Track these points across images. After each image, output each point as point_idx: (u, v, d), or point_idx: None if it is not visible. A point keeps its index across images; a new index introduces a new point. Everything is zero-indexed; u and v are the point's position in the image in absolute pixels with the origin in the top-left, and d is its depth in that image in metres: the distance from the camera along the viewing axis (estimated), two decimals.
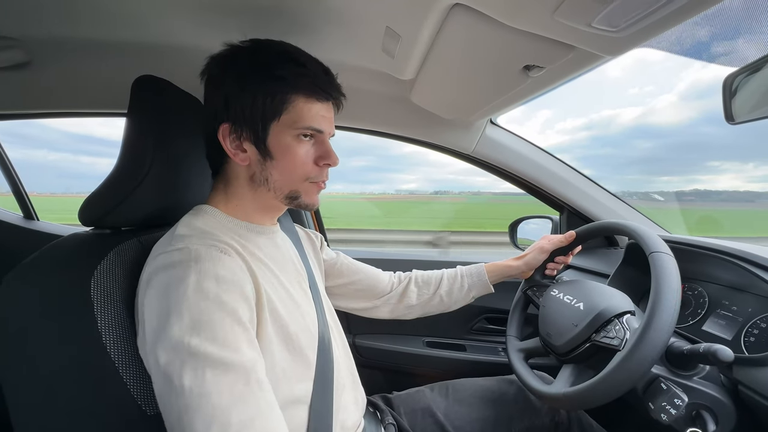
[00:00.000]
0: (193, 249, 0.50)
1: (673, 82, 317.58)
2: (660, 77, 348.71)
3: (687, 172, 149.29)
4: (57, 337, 0.51)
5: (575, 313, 0.70)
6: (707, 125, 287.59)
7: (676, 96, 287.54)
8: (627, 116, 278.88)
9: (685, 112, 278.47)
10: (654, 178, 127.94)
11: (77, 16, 0.80)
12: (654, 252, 0.62)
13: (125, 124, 0.60)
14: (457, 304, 0.92)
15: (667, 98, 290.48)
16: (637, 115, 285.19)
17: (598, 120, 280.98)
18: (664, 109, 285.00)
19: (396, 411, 0.85)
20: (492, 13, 0.50)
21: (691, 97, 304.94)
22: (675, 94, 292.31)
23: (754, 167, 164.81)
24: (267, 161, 0.59)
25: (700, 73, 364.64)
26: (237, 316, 0.48)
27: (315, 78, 0.58)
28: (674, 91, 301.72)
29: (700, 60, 0.65)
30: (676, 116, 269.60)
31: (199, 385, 0.43)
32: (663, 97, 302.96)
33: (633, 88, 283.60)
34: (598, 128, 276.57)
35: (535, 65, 0.61)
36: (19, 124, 1.18)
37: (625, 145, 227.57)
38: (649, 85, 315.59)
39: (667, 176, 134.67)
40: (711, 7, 0.38)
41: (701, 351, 0.56)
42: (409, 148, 1.46)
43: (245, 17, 0.76)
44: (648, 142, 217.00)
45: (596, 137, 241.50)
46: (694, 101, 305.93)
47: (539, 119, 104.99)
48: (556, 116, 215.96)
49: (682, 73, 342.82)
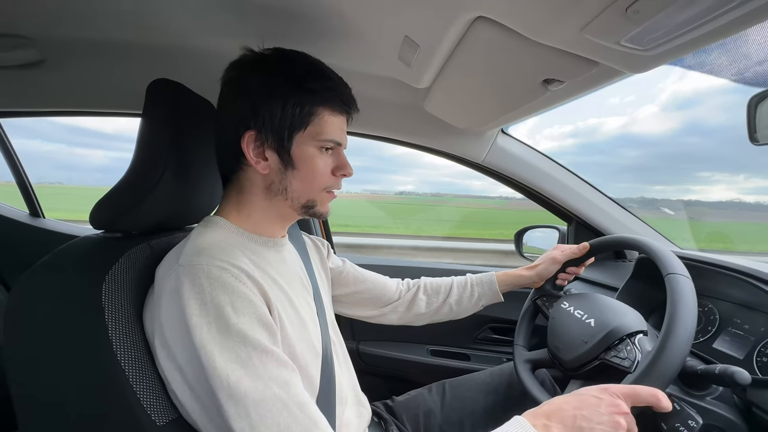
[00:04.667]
0: (206, 270, 0.49)
1: (653, 93, 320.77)
2: (638, 87, 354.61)
3: (679, 182, 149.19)
4: (67, 344, 0.50)
5: (585, 329, 0.69)
6: (690, 135, 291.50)
7: (657, 106, 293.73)
8: (612, 125, 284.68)
9: (666, 122, 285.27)
10: (647, 187, 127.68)
11: (91, 17, 0.79)
12: (671, 273, 0.61)
13: (139, 127, 0.60)
14: (466, 312, 0.92)
15: (649, 108, 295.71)
16: (622, 124, 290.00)
17: (583, 128, 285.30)
18: (646, 119, 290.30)
19: (398, 419, 0.85)
20: (517, 27, 0.49)
21: (672, 108, 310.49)
22: (657, 104, 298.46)
23: (744, 179, 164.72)
24: (288, 170, 0.59)
25: (678, 85, 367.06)
26: (261, 345, 0.48)
27: (340, 93, 0.60)
28: (656, 101, 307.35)
29: (716, 77, 0.65)
30: (658, 126, 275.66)
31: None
32: (645, 107, 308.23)
33: (614, 98, 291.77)
34: (584, 136, 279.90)
35: (556, 79, 0.60)
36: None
37: (613, 153, 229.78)
38: (629, 95, 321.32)
39: (660, 185, 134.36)
40: (745, 29, 0.38)
41: (717, 372, 0.55)
42: (401, 149, 1.46)
43: (262, 23, 0.76)
44: (635, 151, 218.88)
45: (583, 144, 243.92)
46: (675, 111, 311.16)
47: (527, 125, 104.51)
48: (542, 122, 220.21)
49: (659, 83, 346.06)
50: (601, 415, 0.47)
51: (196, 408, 0.49)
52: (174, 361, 0.49)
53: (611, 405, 0.49)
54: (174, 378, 0.50)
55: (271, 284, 0.57)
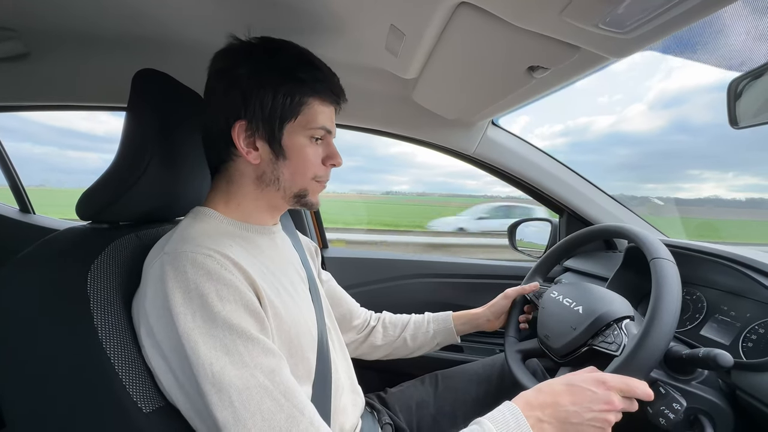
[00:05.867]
0: (191, 257, 0.49)
1: (640, 91, 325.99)
2: (626, 86, 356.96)
3: (669, 179, 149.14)
4: (52, 334, 0.50)
5: (574, 317, 0.69)
6: (678, 133, 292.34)
7: (645, 105, 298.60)
8: (601, 123, 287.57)
9: (654, 120, 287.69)
10: (639, 185, 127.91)
11: (76, 8, 0.79)
12: (655, 258, 0.62)
13: (125, 117, 0.60)
14: (422, 349, 0.93)
15: (637, 107, 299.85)
16: (611, 122, 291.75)
17: (574, 126, 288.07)
18: (634, 118, 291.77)
19: (391, 410, 0.85)
20: (498, 12, 0.49)
21: (659, 106, 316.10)
22: (644, 102, 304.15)
23: (733, 176, 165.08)
24: (279, 160, 0.59)
25: (664, 83, 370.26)
26: (246, 333, 0.48)
27: (330, 83, 0.61)
28: (644, 99, 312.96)
29: (700, 62, 0.65)
30: (647, 124, 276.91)
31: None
32: (633, 106, 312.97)
33: (602, 97, 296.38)
34: (575, 134, 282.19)
35: (540, 66, 0.60)
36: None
37: (604, 151, 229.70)
38: (617, 94, 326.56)
39: (651, 183, 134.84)
40: (720, 9, 0.38)
41: (700, 356, 0.55)
42: (394, 149, 1.47)
43: (249, 13, 0.75)
44: (625, 149, 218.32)
45: (574, 143, 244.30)
46: (663, 110, 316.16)
47: (519, 123, 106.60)
48: (533, 122, 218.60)
49: (646, 82, 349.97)
50: (592, 412, 0.49)
51: (181, 397, 0.49)
52: (159, 350, 0.49)
53: (604, 401, 0.50)
54: (159, 366, 0.50)
55: (263, 269, 0.57)
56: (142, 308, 0.50)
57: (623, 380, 0.52)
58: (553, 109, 37.47)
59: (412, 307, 1.31)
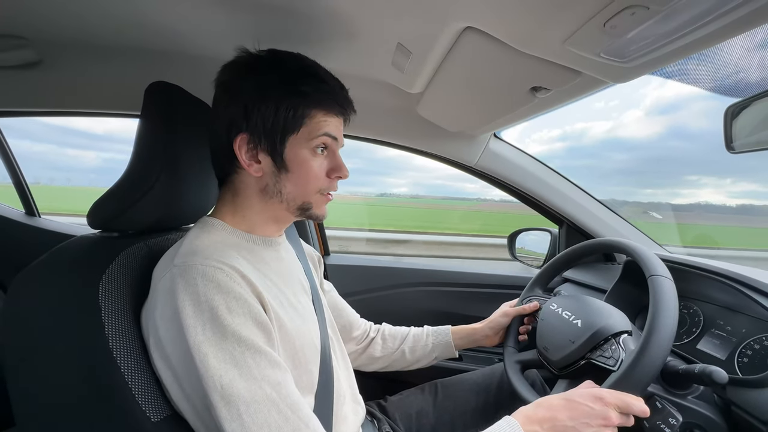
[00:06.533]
0: (201, 270, 0.50)
1: (636, 98, 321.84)
2: (622, 92, 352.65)
3: (667, 185, 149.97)
4: (64, 342, 0.51)
5: (572, 330, 0.70)
6: (674, 139, 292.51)
7: (642, 111, 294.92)
8: (598, 129, 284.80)
9: (651, 126, 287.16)
10: (637, 190, 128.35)
11: (88, 19, 0.80)
12: (653, 275, 0.63)
13: (137, 129, 0.61)
14: (420, 362, 0.92)
15: (634, 113, 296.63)
16: (608, 128, 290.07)
17: (571, 131, 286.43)
18: (631, 123, 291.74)
19: (391, 418, 0.85)
20: (503, 37, 0.51)
21: (656, 112, 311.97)
22: (641, 108, 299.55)
23: (731, 183, 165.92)
24: (282, 173, 0.59)
25: (660, 90, 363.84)
26: (255, 345, 0.49)
27: (335, 95, 0.60)
28: (640, 106, 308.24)
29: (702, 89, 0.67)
30: (644, 130, 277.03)
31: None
32: (630, 111, 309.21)
33: (599, 102, 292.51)
34: (573, 139, 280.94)
35: (542, 87, 0.62)
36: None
37: (601, 156, 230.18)
38: (613, 100, 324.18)
39: (649, 189, 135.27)
40: (719, 43, 0.40)
41: (696, 372, 0.56)
42: (393, 151, 1.50)
43: (259, 26, 0.76)
44: (622, 155, 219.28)
45: (572, 148, 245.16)
46: (659, 116, 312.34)
47: (517, 129, 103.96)
48: (531, 127, 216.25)
49: (642, 89, 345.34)
50: (590, 428, 0.51)
51: (187, 407, 0.50)
52: (167, 361, 0.50)
53: (602, 417, 0.51)
54: (167, 376, 0.51)
55: (268, 283, 0.58)
56: (152, 319, 0.51)
57: (620, 397, 0.53)
58: (550, 114, 38.07)
59: (413, 314, 1.32)
